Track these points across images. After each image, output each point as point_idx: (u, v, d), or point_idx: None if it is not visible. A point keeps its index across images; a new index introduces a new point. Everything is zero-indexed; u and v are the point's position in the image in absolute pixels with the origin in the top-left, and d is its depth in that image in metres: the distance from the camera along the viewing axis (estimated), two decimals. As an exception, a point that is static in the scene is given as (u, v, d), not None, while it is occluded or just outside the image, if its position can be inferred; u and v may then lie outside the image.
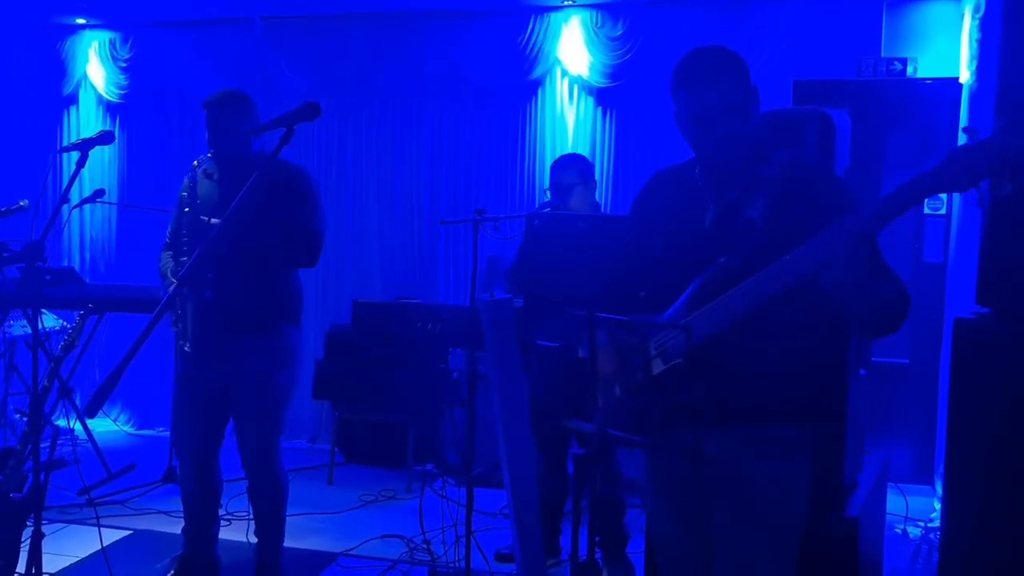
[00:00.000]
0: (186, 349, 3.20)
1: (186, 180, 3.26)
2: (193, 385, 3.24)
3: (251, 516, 3.47)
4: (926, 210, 4.60)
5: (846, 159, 2.70)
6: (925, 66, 4.60)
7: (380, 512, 4.41)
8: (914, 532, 4.02)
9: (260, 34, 5.56)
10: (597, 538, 3.40)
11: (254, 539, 3.44)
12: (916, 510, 4.13)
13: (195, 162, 3.27)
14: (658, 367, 1.92)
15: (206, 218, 3.04)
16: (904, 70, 4.57)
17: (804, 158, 2.24)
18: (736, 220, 1.91)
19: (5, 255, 2.72)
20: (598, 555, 3.37)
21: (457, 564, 3.58)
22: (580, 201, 3.42)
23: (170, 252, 3.27)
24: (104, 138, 2.67)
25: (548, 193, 3.41)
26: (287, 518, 3.90)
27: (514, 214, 3.53)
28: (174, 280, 3.13)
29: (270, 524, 3.38)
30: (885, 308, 1.84)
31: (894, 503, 3.75)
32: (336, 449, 4.97)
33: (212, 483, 3.38)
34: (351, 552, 3.86)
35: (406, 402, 4.73)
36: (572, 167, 3.52)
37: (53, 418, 5.62)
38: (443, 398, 4.75)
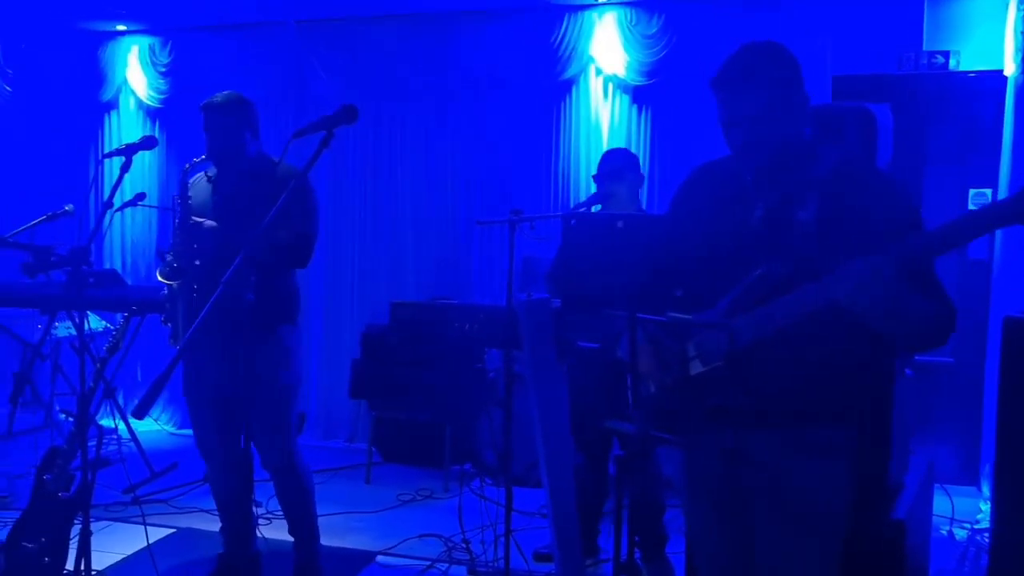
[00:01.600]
0: (177, 346, 3.23)
1: (181, 181, 3.26)
2: (200, 387, 3.28)
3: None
4: (970, 205, 4.51)
5: (888, 155, 2.66)
6: (968, 59, 4.51)
7: (418, 511, 4.43)
8: (960, 534, 3.95)
9: (295, 37, 5.60)
10: (636, 538, 3.39)
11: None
12: (962, 511, 4.05)
13: (187, 165, 3.27)
14: (696, 368, 1.90)
15: (197, 219, 3.06)
16: (946, 63, 4.49)
17: (855, 157, 2.19)
18: (785, 221, 1.86)
19: (53, 259, 2.77)
20: (637, 555, 3.35)
21: (496, 564, 3.58)
22: (627, 195, 3.39)
23: (170, 253, 3.27)
24: (147, 143, 2.72)
25: (593, 193, 3.39)
26: (325, 516, 3.94)
27: (550, 214, 3.51)
28: (165, 280, 3.14)
29: (301, 522, 3.41)
30: (924, 329, 1.78)
31: (939, 504, 3.68)
32: (373, 448, 5.00)
33: (241, 481, 3.41)
34: (390, 551, 3.88)
35: (442, 401, 4.74)
36: (622, 158, 3.51)
37: (98, 418, 5.75)
38: (479, 398, 4.76)
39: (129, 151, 2.65)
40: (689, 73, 4.74)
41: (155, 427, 6.01)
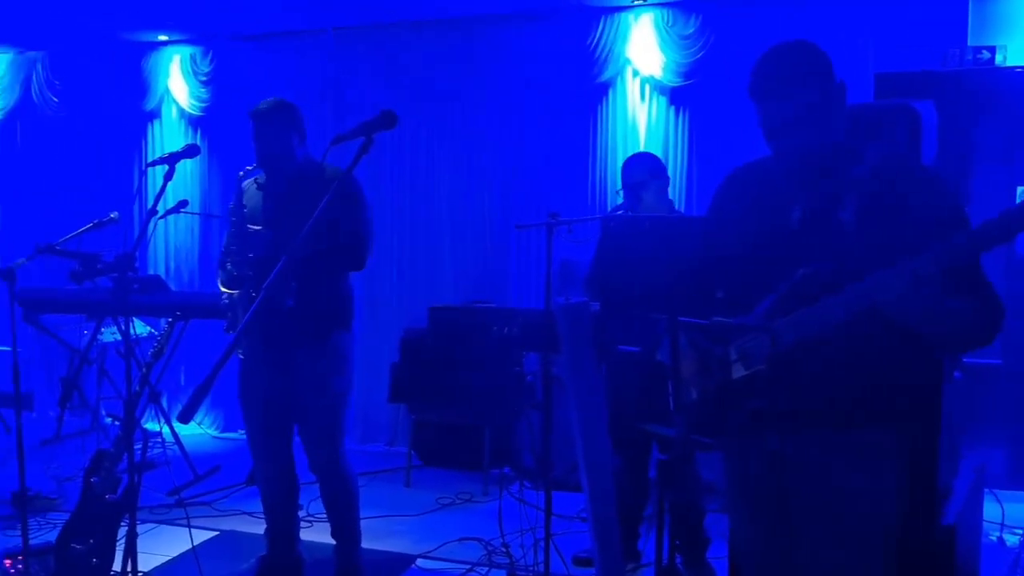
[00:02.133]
0: (239, 355, 3.27)
1: (235, 190, 3.33)
2: (253, 391, 3.31)
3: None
4: (1019, 199, 4.41)
5: (933, 152, 2.61)
6: (1015, 54, 4.41)
7: (457, 515, 4.44)
8: (1011, 540, 3.86)
9: (333, 45, 5.66)
10: (677, 542, 3.36)
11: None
12: (1013, 517, 3.95)
13: (240, 172, 3.33)
14: (739, 372, 1.88)
15: (252, 227, 3.10)
16: (992, 59, 4.39)
17: (897, 154, 2.14)
18: (825, 222, 1.83)
19: (99, 266, 2.83)
20: (678, 560, 3.32)
21: (535, 568, 3.57)
22: (654, 199, 3.37)
23: (228, 260, 3.33)
24: (189, 151, 2.76)
25: (620, 194, 3.38)
26: (366, 520, 3.96)
27: (587, 217, 3.50)
28: (225, 289, 3.19)
29: (345, 526, 3.44)
30: (966, 330, 1.74)
31: (989, 510, 3.60)
32: (412, 452, 5.03)
33: (288, 484, 3.46)
34: (429, 554, 3.89)
35: (481, 405, 4.75)
36: (643, 165, 3.49)
37: (143, 422, 5.85)
38: (518, 401, 4.76)
39: (172, 159, 2.69)
40: (727, 73, 4.70)
41: (199, 431, 6.10)
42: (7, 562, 3.50)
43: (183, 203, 4.79)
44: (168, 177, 2.66)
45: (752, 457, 1.97)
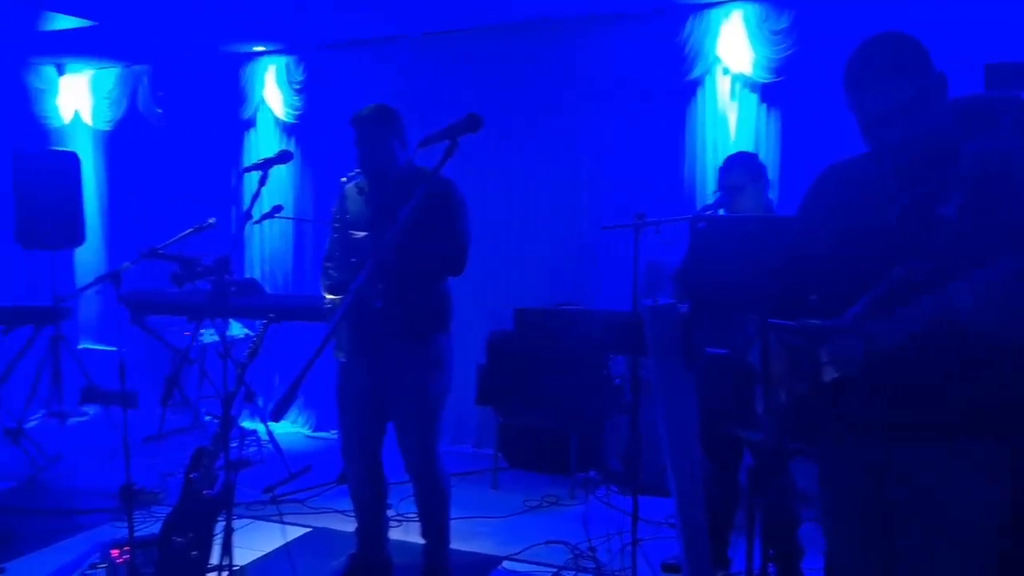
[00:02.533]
0: (341, 359, 3.32)
1: (339, 195, 3.39)
2: (351, 393, 3.36)
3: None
4: None
5: (1047, 147, 2.46)
6: None
7: (544, 518, 4.42)
8: None
9: (422, 50, 5.73)
10: (771, 551, 3.27)
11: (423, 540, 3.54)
12: None
13: (343, 178, 3.38)
14: (830, 375, 1.81)
15: (355, 233, 3.13)
16: (1111, 46, 4.13)
17: (1003, 149, 2.04)
18: (925, 217, 1.75)
19: (199, 269, 2.94)
20: (771, 570, 3.22)
21: (622, 573, 3.54)
22: (751, 201, 3.29)
23: (330, 264, 3.39)
24: (283, 157, 2.83)
25: (717, 195, 3.31)
26: (453, 520, 3.98)
27: (676, 217, 3.44)
28: (328, 295, 3.25)
29: (435, 526, 3.46)
30: None
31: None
32: (500, 454, 5.04)
33: (378, 485, 3.51)
34: (516, 557, 3.89)
35: (567, 408, 4.72)
36: (741, 166, 3.41)
37: (240, 420, 6.05)
38: (605, 404, 4.72)
39: (266, 165, 2.77)
40: (820, 69, 4.54)
41: (292, 429, 6.26)
42: (114, 552, 3.65)
43: (277, 208, 4.96)
44: (262, 182, 2.74)
45: (850, 467, 1.89)
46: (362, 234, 3.17)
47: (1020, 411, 1.82)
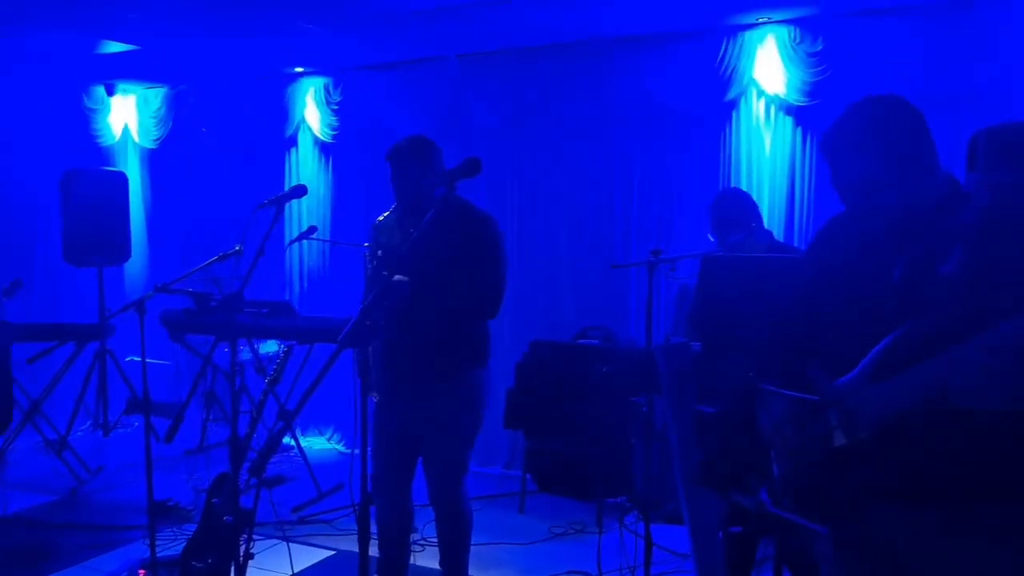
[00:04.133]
0: (374, 398, 3.32)
1: (372, 233, 3.36)
2: (385, 430, 3.34)
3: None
4: None
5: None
6: None
7: (567, 546, 4.39)
8: None
9: (456, 71, 5.76)
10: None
11: (443, 568, 3.53)
12: None
13: (380, 217, 3.36)
14: (839, 440, 1.75)
15: (387, 273, 3.12)
16: None
17: (1015, 183, 1.93)
18: (927, 277, 1.68)
19: (212, 304, 2.99)
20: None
21: (641, 608, 3.48)
22: (743, 240, 3.22)
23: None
24: (296, 192, 2.86)
25: (710, 236, 3.26)
26: (476, 547, 3.96)
27: (688, 254, 3.39)
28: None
29: (453, 556, 3.45)
30: None
31: None
32: (528, 477, 5.02)
33: (403, 516, 3.51)
34: (535, 587, 3.87)
35: (594, 435, 4.69)
36: (728, 199, 3.35)
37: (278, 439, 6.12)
38: (632, 431, 4.67)
39: (280, 201, 2.80)
40: (855, 92, 4.42)
41: (327, 445, 6.34)
42: (141, 572, 3.74)
43: (312, 229, 5.01)
44: (276, 218, 2.77)
45: (862, 542, 1.81)
46: (389, 274, 3.16)
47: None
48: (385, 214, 3.36)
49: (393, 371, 3.26)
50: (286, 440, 5.95)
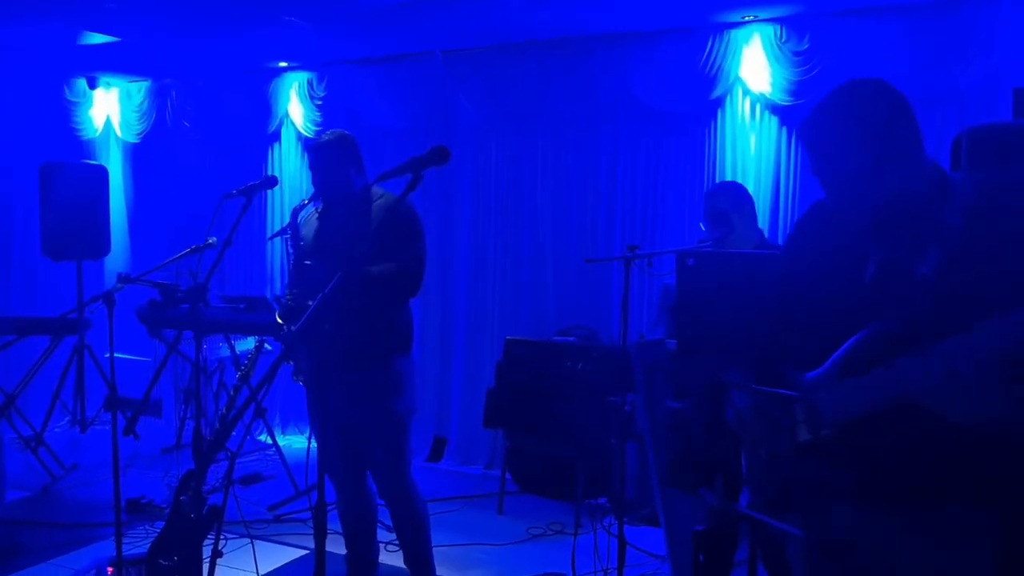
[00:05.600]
0: (300, 382, 3.31)
1: (291, 218, 3.37)
2: (317, 417, 3.32)
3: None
4: None
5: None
6: None
7: (545, 547, 4.33)
8: None
9: (441, 67, 5.70)
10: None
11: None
12: None
13: (297, 204, 3.38)
14: (804, 435, 1.70)
15: (308, 262, 3.12)
16: None
17: (1002, 186, 1.87)
18: (900, 277, 1.64)
19: (178, 295, 2.94)
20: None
21: (616, 610, 3.43)
22: (738, 233, 3.19)
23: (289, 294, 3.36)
24: (266, 183, 2.81)
25: (703, 225, 3.22)
26: (452, 548, 3.92)
27: (664, 250, 3.34)
28: (281, 320, 3.23)
29: (414, 552, 3.42)
30: None
31: None
32: (508, 477, 4.96)
33: (363, 510, 3.47)
34: (510, 588, 3.82)
35: (574, 435, 4.63)
36: (725, 192, 3.31)
37: (255, 435, 6.07)
38: (613, 431, 4.61)
39: (250, 191, 2.75)
40: (842, 92, 4.40)
41: (305, 444, 6.25)
42: (109, 570, 3.67)
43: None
44: (245, 207, 2.72)
45: (824, 541, 1.77)
46: (309, 263, 3.15)
47: (1007, 476, 1.70)
48: (304, 201, 3.36)
49: (315, 361, 3.23)
50: (264, 439, 5.89)
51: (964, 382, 1.42)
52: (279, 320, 3.24)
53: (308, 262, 3.15)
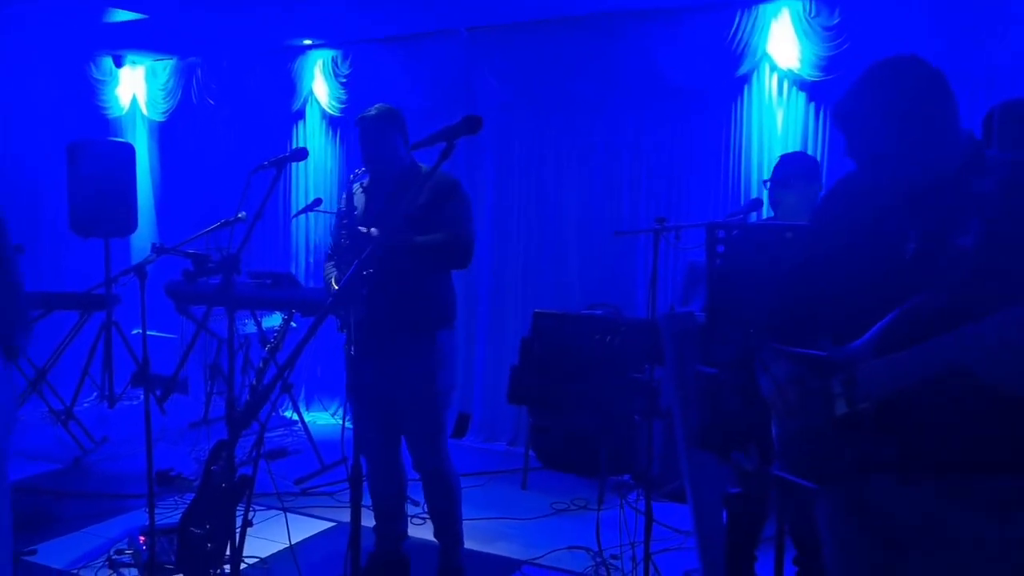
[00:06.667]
0: (351, 353, 3.32)
1: (344, 193, 3.42)
2: (359, 388, 3.35)
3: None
4: None
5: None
6: None
7: (570, 521, 4.36)
8: None
9: (465, 45, 5.69)
10: (796, 568, 3.15)
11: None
12: None
13: (351, 175, 3.44)
14: (841, 408, 1.69)
15: (364, 229, 3.14)
16: None
17: None
18: (941, 250, 1.62)
19: (209, 266, 2.96)
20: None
21: (642, 583, 3.45)
22: (799, 200, 3.16)
23: (332, 262, 3.40)
24: (297, 155, 2.82)
25: (767, 185, 3.20)
26: (478, 521, 3.94)
27: (693, 223, 3.33)
28: (336, 287, 3.26)
29: (446, 524, 3.44)
30: None
31: None
32: (532, 454, 4.99)
33: (395, 483, 3.50)
34: (536, 561, 3.84)
35: (598, 411, 4.64)
36: (793, 162, 3.28)
37: (281, 410, 6.13)
38: (638, 408, 4.62)
39: (280, 163, 2.76)
40: (871, 67, 4.35)
41: (331, 421, 6.32)
42: (141, 539, 3.73)
43: (317, 202, 4.93)
44: (275, 180, 2.73)
45: (858, 506, 1.76)
46: (367, 229, 3.17)
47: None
48: (357, 172, 3.41)
49: (368, 330, 3.25)
50: (290, 415, 5.94)
51: (1017, 351, 1.40)
52: (335, 285, 3.27)
53: (368, 230, 3.16)
